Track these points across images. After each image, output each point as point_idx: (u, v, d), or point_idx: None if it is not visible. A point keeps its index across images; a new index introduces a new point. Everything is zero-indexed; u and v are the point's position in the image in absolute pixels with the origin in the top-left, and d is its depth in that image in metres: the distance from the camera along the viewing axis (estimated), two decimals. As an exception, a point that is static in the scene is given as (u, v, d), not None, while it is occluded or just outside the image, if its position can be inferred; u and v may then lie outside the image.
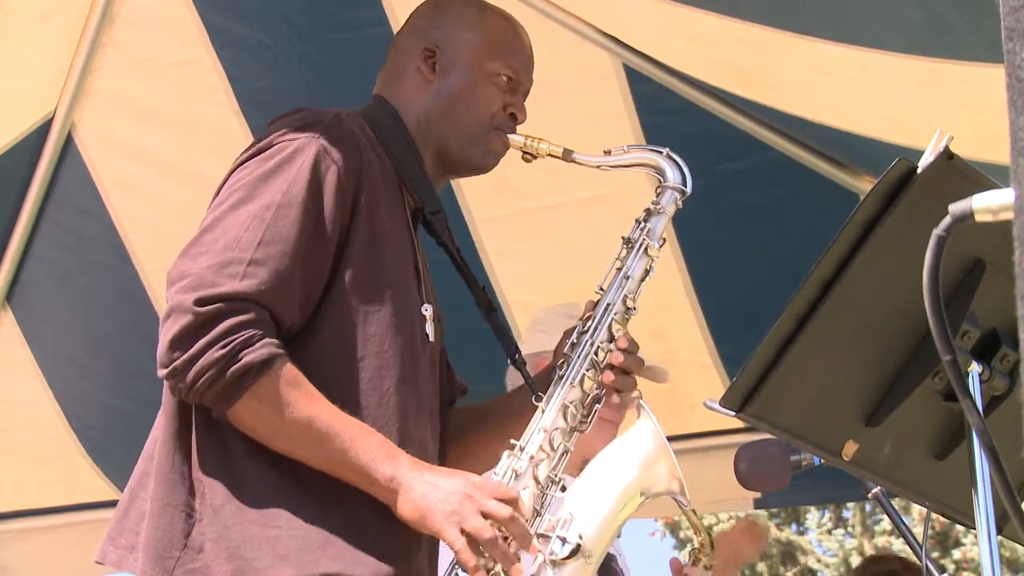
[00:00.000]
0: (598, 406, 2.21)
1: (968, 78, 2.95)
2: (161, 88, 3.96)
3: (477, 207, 4.05)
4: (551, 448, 2.14)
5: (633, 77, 3.77)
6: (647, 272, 2.26)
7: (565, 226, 4.08)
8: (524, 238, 4.15)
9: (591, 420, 2.19)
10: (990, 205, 1.27)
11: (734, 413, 1.79)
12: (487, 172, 2.36)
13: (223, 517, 1.98)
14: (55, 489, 4.70)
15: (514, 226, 4.11)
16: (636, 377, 2.25)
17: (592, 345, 2.21)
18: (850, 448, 1.87)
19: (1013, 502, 1.38)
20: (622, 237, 2.28)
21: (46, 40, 3.81)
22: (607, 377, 2.19)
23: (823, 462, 3.20)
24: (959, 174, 1.77)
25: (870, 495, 2.96)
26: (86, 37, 3.85)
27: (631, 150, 2.34)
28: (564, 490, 2.15)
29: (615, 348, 2.21)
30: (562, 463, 2.15)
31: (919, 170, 1.76)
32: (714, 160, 3.75)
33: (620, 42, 3.72)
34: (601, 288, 2.25)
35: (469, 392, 2.50)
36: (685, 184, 2.29)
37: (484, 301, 2.37)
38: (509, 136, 2.30)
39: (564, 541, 2.04)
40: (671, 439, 2.19)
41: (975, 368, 1.82)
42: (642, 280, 2.25)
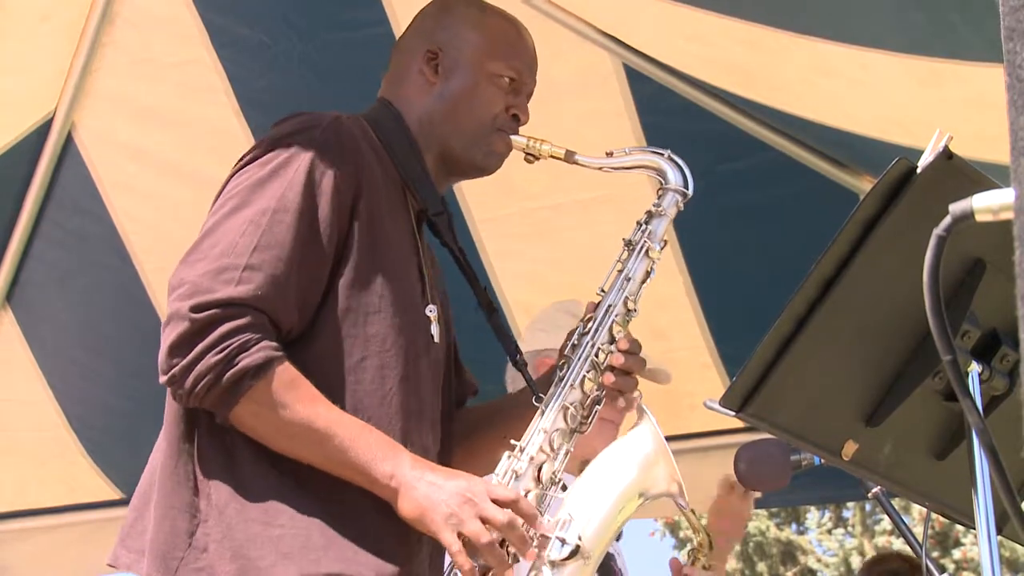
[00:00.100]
0: (598, 407, 2.21)
1: (969, 78, 2.95)
2: (161, 88, 3.96)
3: (478, 207, 4.05)
4: (551, 449, 2.14)
5: (633, 77, 3.76)
6: (648, 274, 2.26)
7: (565, 226, 4.07)
8: (524, 238, 4.14)
9: (591, 421, 2.19)
10: (990, 205, 1.27)
11: (734, 413, 1.79)
12: (490, 174, 2.36)
13: (227, 517, 1.99)
14: (55, 489, 4.69)
15: (514, 226, 4.11)
16: (637, 378, 2.25)
17: (593, 347, 2.21)
18: (850, 448, 1.87)
19: (1013, 502, 1.38)
20: (623, 239, 2.28)
21: (46, 40, 3.81)
22: (608, 379, 2.19)
23: (823, 462, 3.20)
24: (959, 174, 1.77)
25: (870, 495, 2.96)
26: (86, 37, 3.85)
27: (633, 152, 2.34)
28: (565, 489, 2.15)
29: (616, 349, 2.21)
30: (563, 464, 2.15)
31: (919, 170, 1.76)
32: (714, 160, 3.75)
33: (620, 42, 3.71)
34: (602, 290, 2.25)
35: (470, 392, 2.50)
36: (686, 186, 2.29)
37: (486, 302, 2.38)
38: (511, 137, 2.30)
39: (563, 542, 2.04)
40: (671, 439, 2.19)
41: (975, 368, 1.82)
42: (643, 282, 2.25)
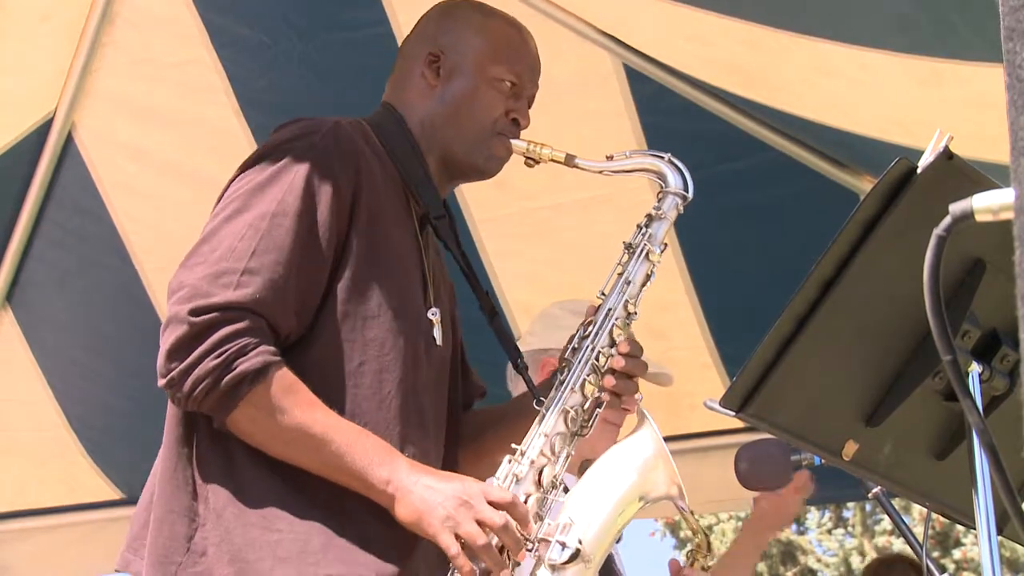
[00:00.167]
0: (599, 411, 2.21)
1: (969, 78, 2.95)
2: (161, 88, 3.96)
3: (478, 207, 4.05)
4: (552, 453, 2.14)
5: (633, 77, 3.76)
6: (648, 277, 2.25)
7: (565, 226, 4.08)
8: (524, 238, 4.14)
9: (592, 425, 2.19)
10: (990, 205, 1.27)
11: (734, 413, 1.79)
12: (490, 177, 2.36)
13: (225, 521, 1.99)
14: (55, 489, 4.69)
15: (514, 226, 4.11)
16: (638, 381, 2.25)
17: (593, 350, 2.20)
18: (850, 448, 1.87)
19: (1013, 502, 1.37)
20: (623, 242, 2.27)
21: (46, 40, 3.81)
22: (608, 382, 2.19)
23: (823, 462, 3.20)
24: (959, 174, 1.76)
25: (870, 495, 2.96)
26: (86, 37, 3.85)
27: (633, 155, 2.33)
28: (567, 491, 2.15)
29: (616, 353, 2.21)
30: (564, 467, 2.15)
31: (919, 170, 1.76)
32: (714, 160, 3.75)
33: (620, 42, 3.71)
34: (603, 293, 2.25)
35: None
36: (687, 189, 2.28)
37: (488, 306, 2.38)
38: (512, 141, 2.30)
39: (564, 546, 2.05)
40: (671, 439, 2.19)
41: (975, 368, 1.82)
42: (643, 285, 2.25)
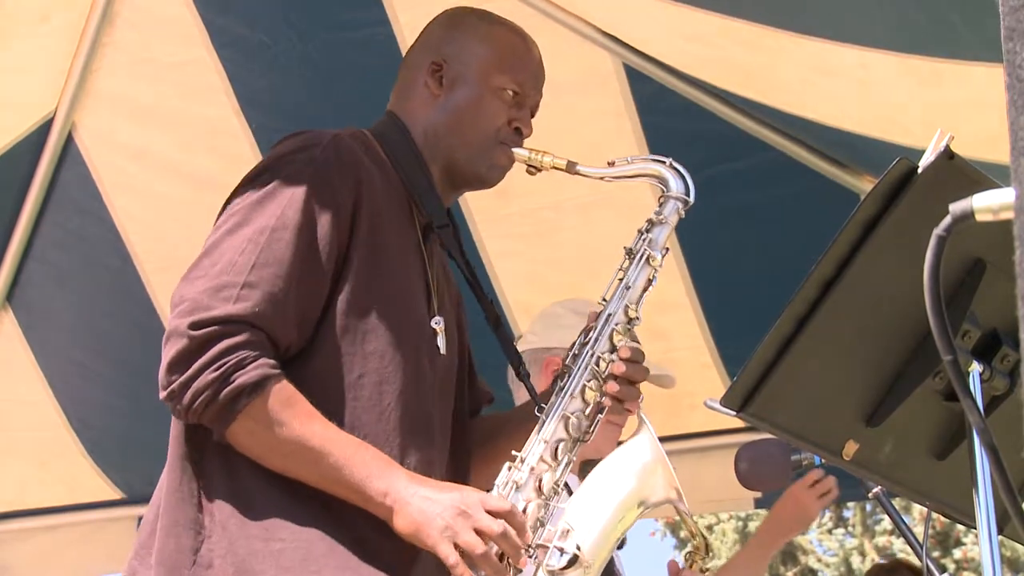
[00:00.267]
0: (600, 416, 2.20)
1: (969, 78, 2.95)
2: (161, 88, 3.96)
3: (478, 207, 4.05)
4: (553, 459, 2.14)
5: (633, 77, 3.76)
6: (649, 282, 2.25)
7: (566, 226, 4.07)
8: (524, 238, 4.14)
9: (594, 431, 2.19)
10: (991, 205, 1.27)
11: (734, 413, 1.79)
12: (492, 186, 2.37)
13: (229, 532, 2.00)
14: (55, 489, 4.69)
15: (514, 226, 4.11)
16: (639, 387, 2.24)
17: (593, 356, 2.20)
18: (850, 448, 1.87)
19: (1013, 502, 1.37)
20: (624, 247, 2.27)
21: (46, 40, 3.81)
22: (611, 387, 2.18)
23: (823, 462, 3.21)
24: (960, 174, 1.77)
25: (870, 495, 2.96)
26: (86, 37, 3.85)
27: (634, 160, 2.33)
28: (571, 493, 2.15)
29: (617, 358, 2.21)
30: (565, 474, 2.15)
31: (920, 170, 1.76)
32: (714, 160, 3.75)
33: (620, 42, 3.71)
34: (604, 299, 2.25)
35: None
36: (688, 194, 2.28)
37: (492, 315, 2.37)
38: (513, 150, 2.30)
39: (562, 551, 2.05)
40: (671, 439, 2.20)
41: (975, 368, 1.82)
42: (644, 290, 2.24)
